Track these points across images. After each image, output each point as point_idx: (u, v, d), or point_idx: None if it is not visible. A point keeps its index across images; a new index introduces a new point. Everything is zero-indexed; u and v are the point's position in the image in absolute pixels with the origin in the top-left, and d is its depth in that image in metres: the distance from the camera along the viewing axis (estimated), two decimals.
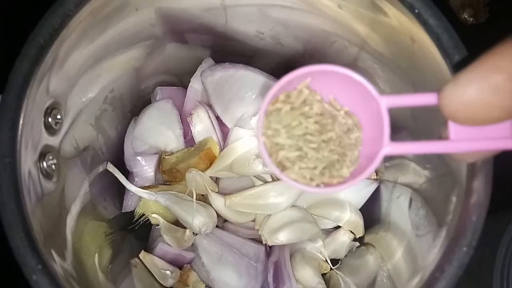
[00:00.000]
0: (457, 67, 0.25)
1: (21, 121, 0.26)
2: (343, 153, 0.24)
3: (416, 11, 0.27)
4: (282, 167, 0.23)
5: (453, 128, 0.21)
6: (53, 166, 0.30)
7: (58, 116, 0.31)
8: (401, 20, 0.29)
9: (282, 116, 0.23)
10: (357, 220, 0.41)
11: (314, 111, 0.23)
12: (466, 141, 0.21)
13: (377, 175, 0.42)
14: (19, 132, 0.26)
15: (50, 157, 0.30)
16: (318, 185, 0.23)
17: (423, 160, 0.33)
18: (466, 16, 0.60)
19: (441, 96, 0.20)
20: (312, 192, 0.24)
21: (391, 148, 0.22)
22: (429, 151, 0.22)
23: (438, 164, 0.30)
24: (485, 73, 0.18)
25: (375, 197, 0.41)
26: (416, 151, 0.23)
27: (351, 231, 0.41)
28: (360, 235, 0.41)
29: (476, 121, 0.19)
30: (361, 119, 0.24)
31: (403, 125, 0.35)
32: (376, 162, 0.22)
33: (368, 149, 0.24)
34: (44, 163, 0.29)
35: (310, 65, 0.23)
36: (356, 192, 0.41)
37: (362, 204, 0.42)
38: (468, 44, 0.26)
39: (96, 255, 0.34)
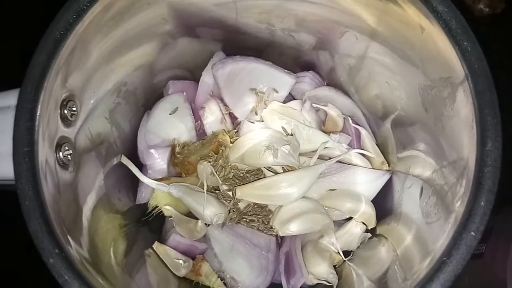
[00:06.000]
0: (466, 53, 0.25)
1: (38, 112, 0.27)
2: None
3: None
4: None
5: None
6: (69, 156, 0.31)
7: (74, 109, 0.32)
8: (410, 9, 0.29)
9: None
10: (370, 212, 0.41)
11: None
12: None
13: (389, 166, 0.42)
14: (37, 122, 0.27)
15: (66, 148, 0.31)
16: None
17: (434, 148, 0.33)
18: (482, 7, 0.59)
19: None
20: None
21: None
22: None
23: (449, 152, 0.30)
24: None
25: (387, 188, 0.41)
26: None
27: (363, 223, 0.41)
28: (372, 226, 0.41)
29: None
30: None
31: (416, 119, 0.35)
32: None
33: None
34: (61, 154, 0.30)
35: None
36: (369, 183, 0.41)
37: (374, 195, 0.42)
38: (483, 34, 0.26)
39: (112, 247, 0.35)
